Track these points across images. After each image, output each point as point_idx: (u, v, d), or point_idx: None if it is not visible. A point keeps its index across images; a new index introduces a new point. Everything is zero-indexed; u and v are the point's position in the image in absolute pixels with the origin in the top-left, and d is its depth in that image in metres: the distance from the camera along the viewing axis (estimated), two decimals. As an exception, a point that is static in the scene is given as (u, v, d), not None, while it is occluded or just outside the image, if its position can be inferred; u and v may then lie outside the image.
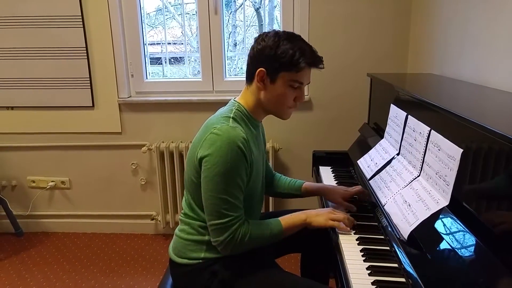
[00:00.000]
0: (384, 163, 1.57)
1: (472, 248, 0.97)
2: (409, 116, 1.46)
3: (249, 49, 1.36)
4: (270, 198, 2.67)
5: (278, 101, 1.35)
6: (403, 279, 1.12)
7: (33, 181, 2.94)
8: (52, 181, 2.92)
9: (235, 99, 1.41)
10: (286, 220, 1.38)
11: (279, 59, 1.28)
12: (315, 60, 1.32)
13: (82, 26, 2.59)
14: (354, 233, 1.40)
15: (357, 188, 1.63)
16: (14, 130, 2.83)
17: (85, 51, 2.64)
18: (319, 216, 1.39)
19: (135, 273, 2.50)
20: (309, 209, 1.44)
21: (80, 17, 2.57)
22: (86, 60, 2.65)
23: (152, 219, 2.90)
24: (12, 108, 2.79)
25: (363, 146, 1.95)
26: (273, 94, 1.33)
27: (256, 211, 1.49)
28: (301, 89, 1.36)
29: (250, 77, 1.36)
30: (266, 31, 1.35)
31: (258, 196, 1.48)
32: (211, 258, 1.36)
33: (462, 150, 1.07)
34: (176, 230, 1.46)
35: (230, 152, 1.22)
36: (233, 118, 1.31)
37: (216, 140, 1.24)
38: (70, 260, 2.66)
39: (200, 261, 1.36)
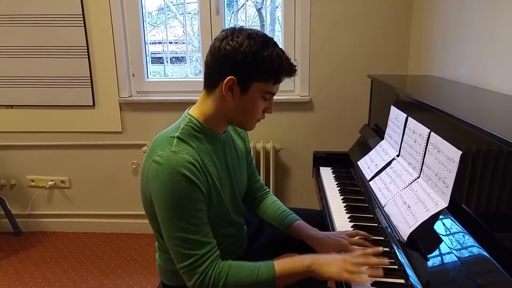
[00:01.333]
0: (384, 165, 1.57)
1: (470, 250, 0.97)
2: (409, 117, 1.46)
3: (212, 47, 1.14)
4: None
5: (247, 113, 1.18)
6: (402, 281, 1.12)
7: (33, 180, 2.94)
8: (51, 180, 2.91)
9: (188, 111, 1.23)
10: (282, 265, 1.13)
11: (256, 68, 1.11)
12: (292, 70, 1.16)
13: (83, 25, 2.59)
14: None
15: (357, 239, 1.32)
16: (14, 129, 2.83)
17: (86, 50, 2.64)
18: (331, 265, 1.12)
19: (135, 273, 2.50)
20: (315, 254, 1.22)
21: (81, 16, 2.57)
22: (87, 59, 2.65)
23: (152, 219, 2.90)
24: (11, 106, 2.79)
25: (364, 147, 1.95)
26: (242, 105, 1.15)
27: (232, 244, 1.33)
28: (271, 100, 1.20)
29: (212, 83, 1.16)
30: (232, 27, 1.15)
31: (229, 223, 1.30)
32: None
33: (461, 152, 1.07)
34: (156, 256, 1.37)
35: (174, 183, 1.06)
36: (178, 138, 1.13)
37: (157, 171, 1.08)
38: (69, 260, 2.66)
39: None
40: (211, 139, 1.21)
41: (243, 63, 1.09)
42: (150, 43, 2.80)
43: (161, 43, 2.86)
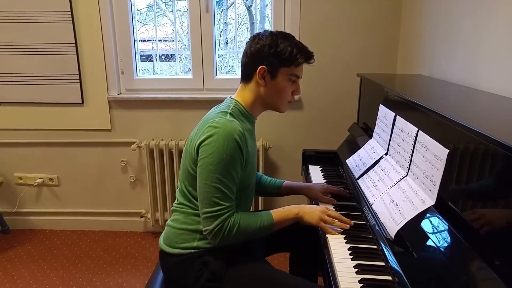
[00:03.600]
0: (372, 163, 1.59)
1: (456, 247, 0.99)
2: (397, 116, 1.48)
3: (245, 49, 1.42)
4: (260, 197, 2.68)
5: (279, 95, 1.43)
6: (389, 277, 1.13)
7: (20, 178, 2.91)
8: (39, 178, 2.89)
9: (232, 97, 1.46)
10: (277, 213, 1.41)
11: (279, 56, 1.36)
12: (309, 55, 1.43)
13: (71, 21, 2.57)
14: (343, 232, 1.41)
15: (337, 188, 1.71)
16: (2, 126, 2.80)
17: (75, 47, 2.61)
18: (312, 213, 1.41)
19: (124, 271, 2.49)
20: (300, 205, 1.46)
21: (70, 12, 2.55)
22: (76, 56, 2.63)
23: (142, 217, 2.89)
24: (-1, 103, 2.76)
25: (352, 146, 1.96)
26: (274, 89, 1.41)
27: (247, 204, 1.52)
28: (297, 83, 1.45)
29: (248, 76, 1.42)
30: (258, 32, 1.43)
31: (250, 190, 1.50)
32: (203, 247, 1.37)
33: (448, 151, 1.09)
34: (169, 221, 1.47)
35: (227, 144, 1.27)
36: (230, 113, 1.36)
37: (214, 132, 1.29)
38: (58, 258, 2.64)
39: (192, 250, 1.37)
40: (250, 121, 1.46)
41: (269, 54, 1.36)
42: (139, 41, 2.78)
43: (150, 40, 2.85)
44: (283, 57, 1.36)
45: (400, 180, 1.34)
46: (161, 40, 2.86)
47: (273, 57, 1.36)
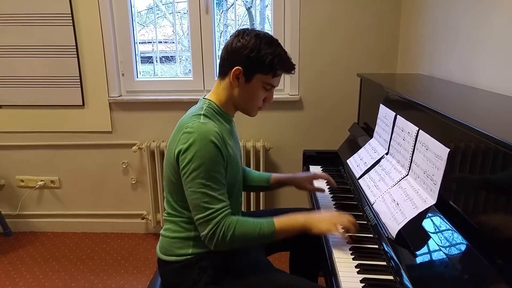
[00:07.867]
0: (373, 163, 1.59)
1: (458, 246, 0.99)
2: (398, 116, 1.48)
3: (227, 43, 1.37)
4: (261, 194, 2.68)
5: (249, 100, 1.39)
6: (391, 277, 1.13)
7: (22, 181, 2.91)
8: (41, 181, 2.89)
9: (205, 97, 1.43)
10: (280, 221, 1.31)
11: (258, 62, 1.32)
12: (290, 67, 1.39)
13: (72, 24, 2.57)
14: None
15: (323, 174, 1.74)
16: (3, 129, 2.80)
17: (75, 50, 2.62)
18: (321, 222, 1.32)
19: (125, 273, 2.49)
20: (307, 213, 1.37)
21: (70, 15, 2.55)
22: (76, 58, 2.63)
23: (143, 219, 2.90)
24: (0, 106, 2.76)
25: (353, 146, 1.96)
26: (246, 92, 1.37)
27: (235, 204, 1.47)
28: (271, 91, 1.41)
29: (224, 73, 1.38)
30: (245, 28, 1.37)
31: (236, 190, 1.47)
32: (199, 253, 1.36)
33: (449, 150, 1.09)
34: (162, 230, 1.46)
35: (204, 147, 1.25)
36: (203, 115, 1.33)
37: (189, 137, 1.26)
38: (59, 260, 2.64)
39: (188, 257, 1.37)
40: (226, 120, 1.42)
41: (248, 57, 1.31)
42: (139, 43, 2.79)
43: (151, 42, 2.85)
44: (262, 64, 1.32)
45: (401, 179, 1.34)
46: (161, 42, 2.87)
47: (251, 61, 1.31)
